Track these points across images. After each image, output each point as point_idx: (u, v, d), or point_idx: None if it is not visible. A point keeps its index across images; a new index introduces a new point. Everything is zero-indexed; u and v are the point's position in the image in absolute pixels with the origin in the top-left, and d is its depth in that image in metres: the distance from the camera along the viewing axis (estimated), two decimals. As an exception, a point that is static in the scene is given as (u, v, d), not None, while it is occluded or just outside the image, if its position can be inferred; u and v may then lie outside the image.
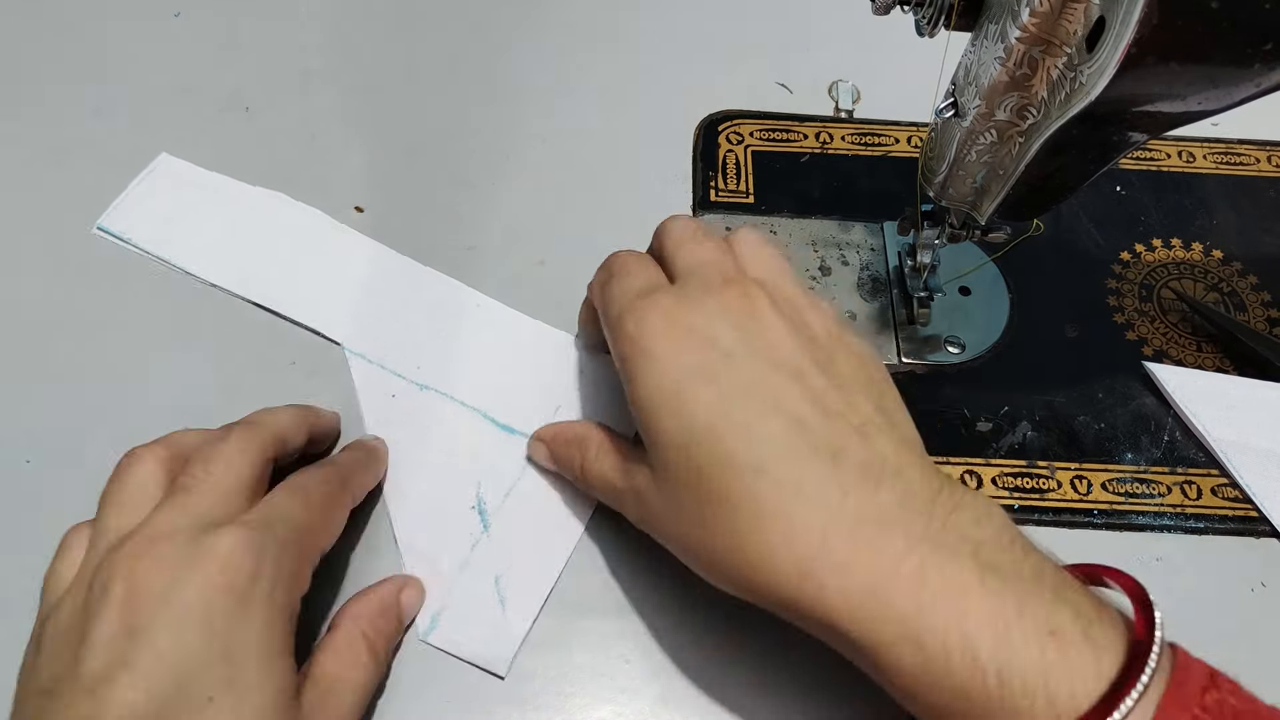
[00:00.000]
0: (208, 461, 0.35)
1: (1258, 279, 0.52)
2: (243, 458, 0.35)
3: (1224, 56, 0.31)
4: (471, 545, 0.41)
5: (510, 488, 0.43)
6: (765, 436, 0.32)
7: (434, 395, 0.45)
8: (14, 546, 0.41)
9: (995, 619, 0.29)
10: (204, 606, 0.31)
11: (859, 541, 0.30)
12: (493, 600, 0.40)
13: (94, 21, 0.59)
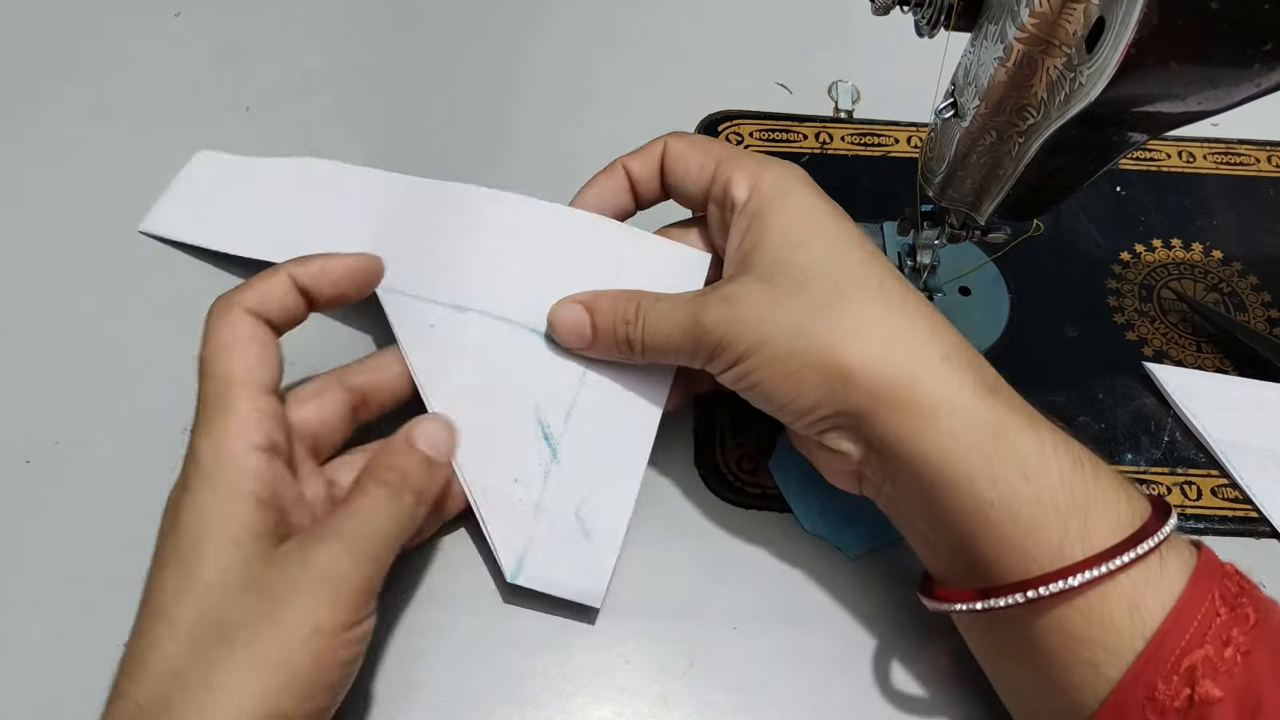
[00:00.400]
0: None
1: (1258, 279, 0.52)
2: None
3: (1223, 57, 0.31)
4: (544, 476, 0.39)
5: (570, 406, 0.40)
6: (880, 263, 0.37)
7: (474, 316, 0.41)
8: (14, 546, 0.41)
9: (1066, 449, 0.33)
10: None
11: (964, 352, 0.35)
12: (577, 533, 0.39)
13: (94, 21, 0.59)
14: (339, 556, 0.32)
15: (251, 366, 0.34)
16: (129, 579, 0.40)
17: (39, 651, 0.39)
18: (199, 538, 0.31)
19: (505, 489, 0.39)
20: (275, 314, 0.36)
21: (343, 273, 0.38)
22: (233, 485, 0.32)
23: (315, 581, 0.31)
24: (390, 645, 0.39)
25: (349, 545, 0.32)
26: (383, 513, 0.34)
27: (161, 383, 0.45)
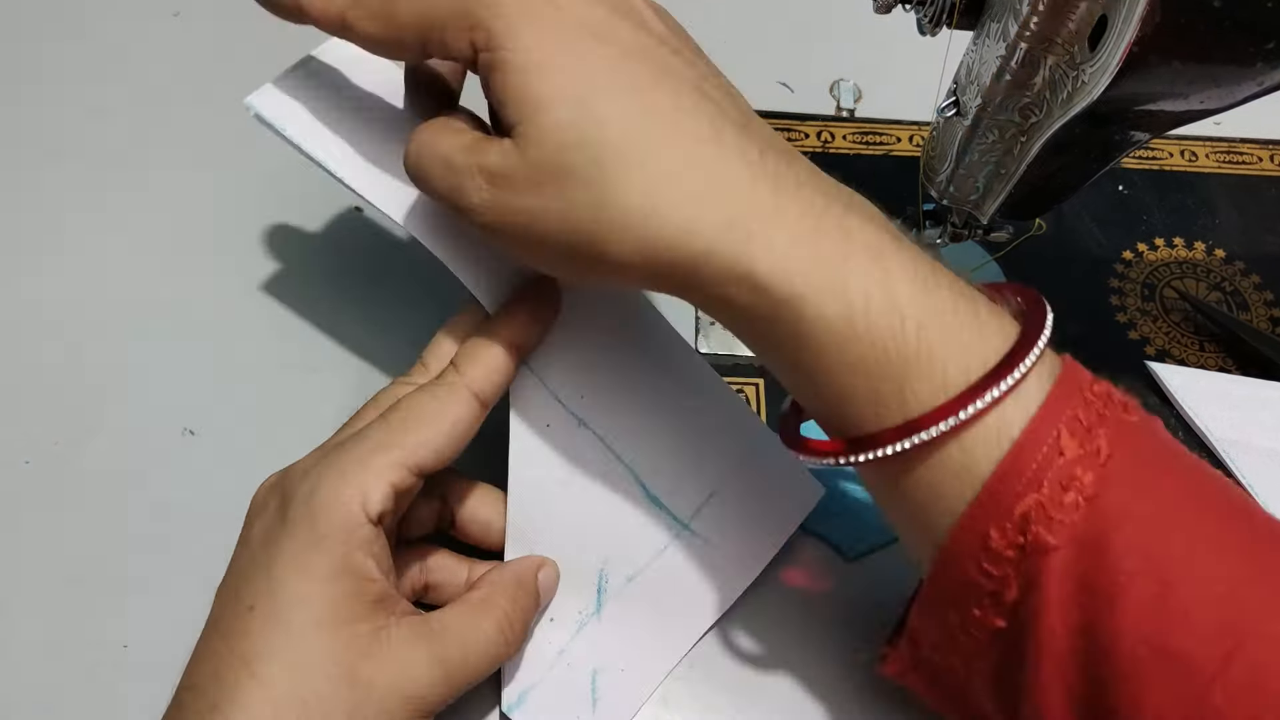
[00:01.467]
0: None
1: (1260, 278, 0.51)
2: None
3: (1226, 55, 0.31)
4: (579, 626, 0.37)
5: (638, 572, 0.38)
6: (680, 90, 0.30)
7: (590, 436, 0.37)
8: (14, 546, 0.41)
9: (913, 274, 0.29)
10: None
11: (784, 194, 0.29)
12: (585, 696, 0.37)
13: (94, 21, 0.59)
14: (432, 684, 0.31)
15: (421, 443, 0.32)
16: (129, 579, 0.40)
17: (39, 651, 0.39)
18: (301, 602, 0.30)
19: (538, 621, 0.37)
20: (495, 392, 0.34)
21: (549, 311, 0.36)
22: (346, 554, 0.31)
23: (404, 699, 0.31)
24: (391, 646, 0.39)
25: (447, 674, 0.32)
26: (491, 656, 0.33)
27: (161, 383, 0.45)
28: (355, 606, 0.31)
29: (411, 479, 0.32)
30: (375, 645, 0.31)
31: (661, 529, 0.38)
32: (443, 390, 0.33)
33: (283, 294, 0.48)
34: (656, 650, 0.38)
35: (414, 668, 0.31)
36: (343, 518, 0.30)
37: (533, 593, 0.35)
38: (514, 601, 0.34)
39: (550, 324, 0.36)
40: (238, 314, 0.47)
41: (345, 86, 0.39)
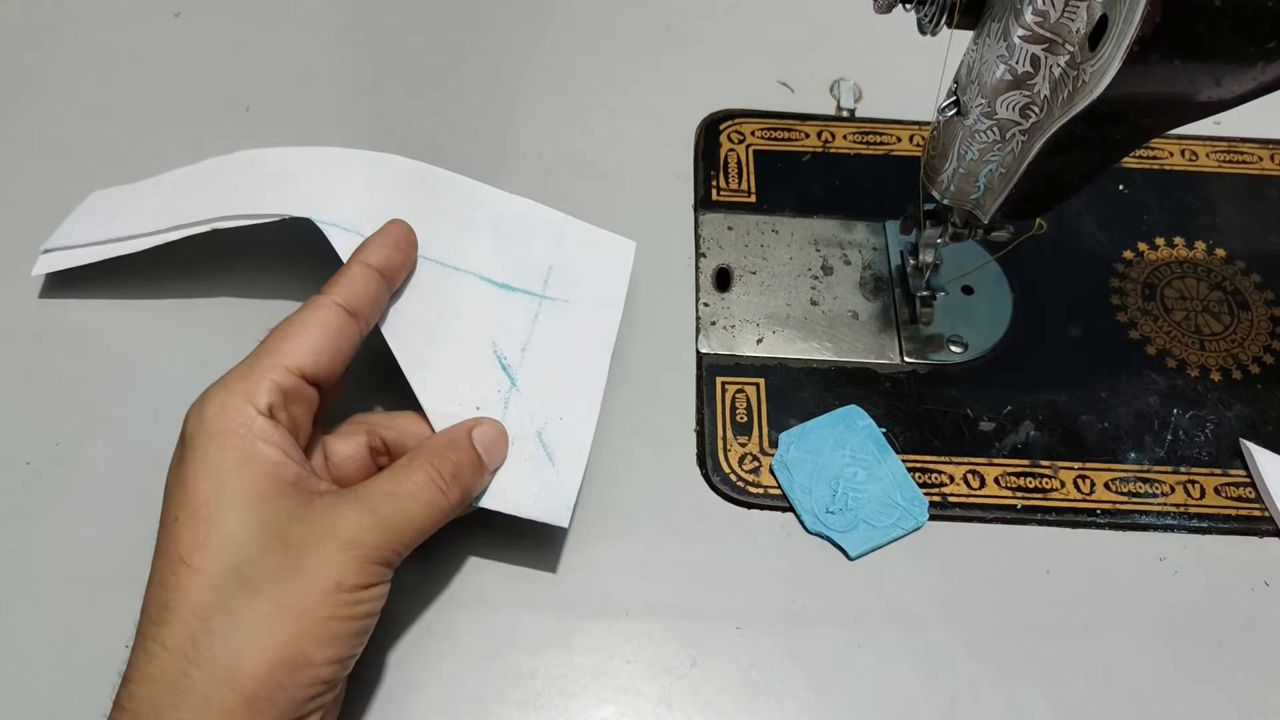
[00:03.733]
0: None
1: (1261, 278, 0.51)
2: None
3: (1227, 54, 0.31)
4: (504, 403, 0.41)
5: (525, 342, 0.43)
6: None
7: (425, 262, 0.43)
8: (14, 546, 0.41)
9: None
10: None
11: None
12: (540, 455, 0.40)
13: (94, 21, 0.59)
14: (368, 529, 0.33)
15: (295, 347, 0.35)
16: (129, 579, 0.40)
17: (39, 651, 0.39)
18: (216, 494, 0.32)
19: (467, 414, 0.40)
20: (364, 304, 0.38)
21: (403, 237, 0.40)
22: (246, 445, 0.33)
23: (341, 544, 0.33)
24: (393, 646, 0.39)
25: (381, 521, 0.34)
26: (425, 500, 0.35)
27: (162, 383, 0.45)
28: (270, 485, 0.33)
29: (292, 378, 0.35)
30: (301, 509, 0.33)
31: (524, 304, 0.44)
32: (308, 305, 0.37)
33: (283, 293, 0.48)
34: (579, 390, 0.43)
35: (344, 519, 0.33)
36: (234, 416, 0.33)
37: (466, 448, 0.38)
38: (442, 455, 0.37)
39: (410, 255, 0.41)
40: (238, 313, 0.47)
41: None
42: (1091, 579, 0.42)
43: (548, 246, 0.46)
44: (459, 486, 0.37)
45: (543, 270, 0.45)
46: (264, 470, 0.33)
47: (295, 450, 0.35)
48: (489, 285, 0.44)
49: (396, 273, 0.40)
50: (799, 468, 0.44)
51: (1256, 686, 0.40)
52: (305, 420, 0.36)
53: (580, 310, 0.45)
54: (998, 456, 0.45)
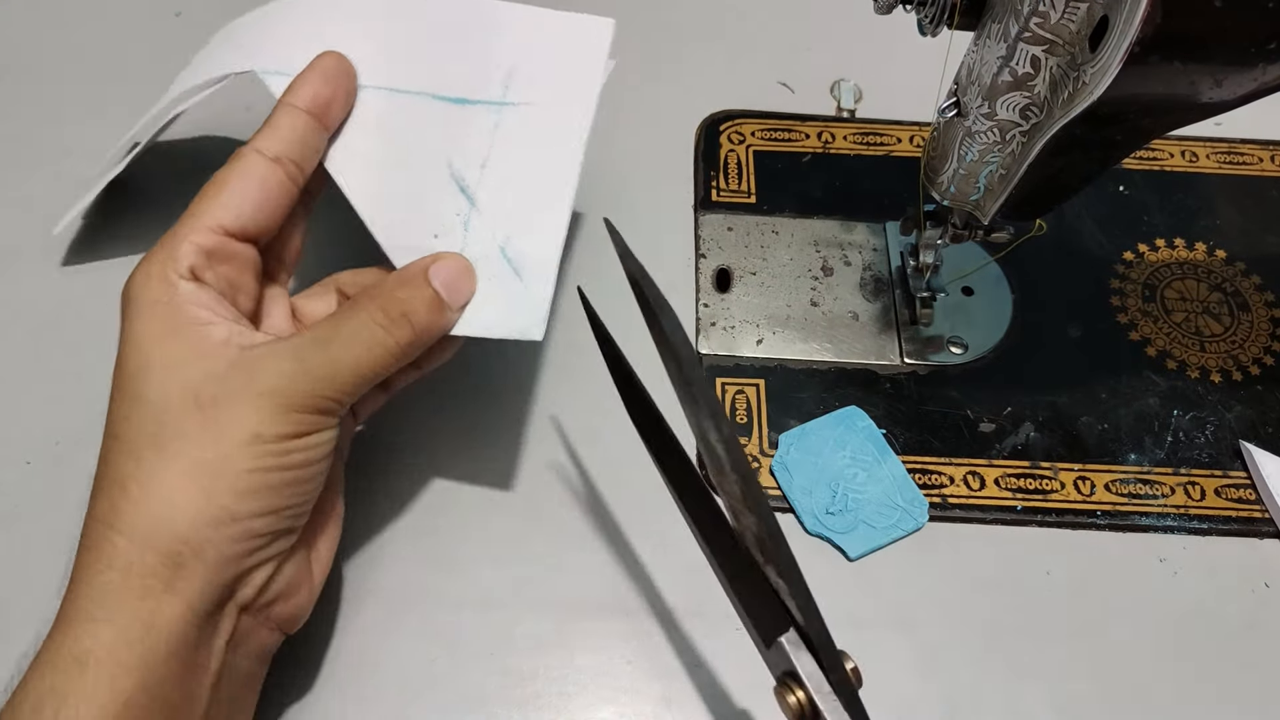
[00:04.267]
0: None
1: (1261, 279, 0.51)
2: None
3: (1227, 55, 0.31)
4: (464, 225, 0.39)
5: (484, 158, 0.40)
6: None
7: (369, 92, 0.40)
8: (14, 546, 0.41)
9: None
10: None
11: None
12: (506, 272, 0.38)
13: (94, 21, 0.59)
14: (290, 376, 0.32)
15: (213, 205, 0.34)
16: (129, 580, 0.40)
17: (39, 652, 0.39)
18: (141, 365, 0.32)
19: (425, 244, 0.38)
20: (291, 149, 0.36)
21: (336, 72, 0.38)
22: (170, 312, 0.32)
23: (257, 395, 0.32)
24: (393, 647, 0.39)
25: (306, 368, 0.32)
26: (363, 342, 0.34)
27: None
28: (194, 347, 0.32)
29: (213, 236, 0.34)
30: (224, 368, 0.32)
31: (482, 116, 0.40)
32: (230, 160, 0.35)
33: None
34: (546, 197, 0.39)
35: (263, 368, 0.32)
36: (155, 286, 0.33)
37: (420, 285, 0.35)
38: (390, 295, 0.35)
39: (345, 86, 0.38)
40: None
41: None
42: (1091, 580, 0.42)
43: (508, 46, 0.42)
44: (409, 325, 0.34)
45: (503, 74, 0.41)
46: (190, 333, 0.32)
47: (226, 309, 0.34)
48: (441, 103, 0.40)
49: (327, 108, 0.37)
50: (799, 469, 0.44)
51: (1257, 688, 0.40)
52: (243, 278, 0.35)
53: (546, 112, 0.41)
54: (998, 458, 0.45)
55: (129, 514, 0.30)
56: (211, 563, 0.31)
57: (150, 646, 0.29)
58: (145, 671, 0.29)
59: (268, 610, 0.34)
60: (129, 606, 0.30)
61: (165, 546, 0.30)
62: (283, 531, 0.33)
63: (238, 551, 0.31)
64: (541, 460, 0.44)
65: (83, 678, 0.29)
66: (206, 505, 0.31)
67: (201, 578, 0.30)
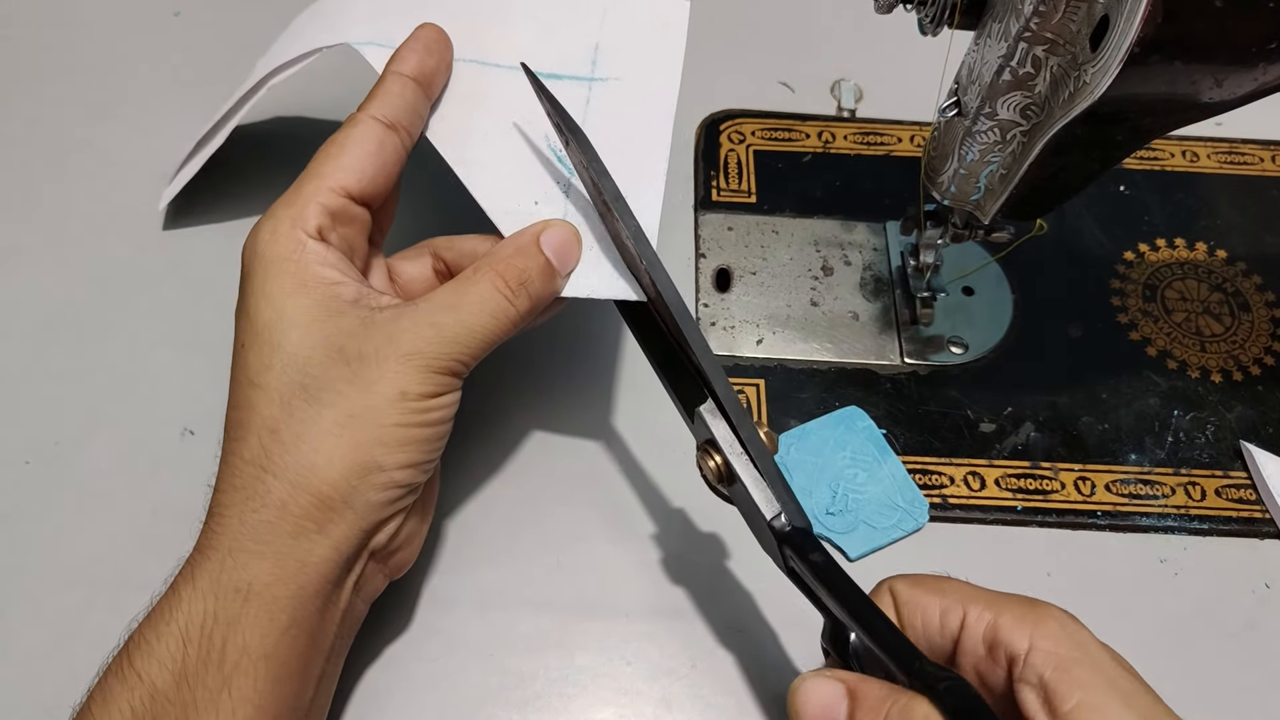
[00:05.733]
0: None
1: (1262, 279, 0.51)
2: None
3: (1228, 55, 0.31)
4: (565, 191, 0.40)
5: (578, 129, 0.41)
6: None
7: (464, 65, 0.41)
8: (14, 546, 0.41)
9: None
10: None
11: None
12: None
13: (94, 21, 0.59)
14: (428, 340, 0.33)
15: (336, 168, 0.35)
16: (129, 579, 0.40)
17: (39, 651, 0.39)
18: (276, 319, 0.33)
19: (529, 211, 0.39)
20: (403, 115, 0.37)
21: (436, 40, 0.39)
22: (301, 269, 0.33)
23: (403, 355, 0.33)
24: (393, 647, 0.39)
25: (442, 333, 0.34)
26: (489, 311, 0.35)
27: (162, 383, 0.45)
28: (329, 304, 0.33)
29: (338, 198, 0.35)
30: (361, 327, 0.33)
31: (573, 90, 0.42)
32: (346, 124, 0.37)
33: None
34: (641, 167, 0.40)
35: (404, 331, 0.33)
36: (284, 243, 0.34)
37: (534, 253, 0.36)
38: (508, 263, 0.36)
39: (446, 54, 0.40)
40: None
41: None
42: (1092, 581, 0.42)
43: (591, 24, 0.44)
44: (527, 294, 0.36)
45: (589, 50, 0.43)
46: (321, 291, 0.33)
47: (351, 270, 0.35)
48: (533, 80, 0.41)
49: (432, 77, 0.39)
50: (799, 469, 0.44)
51: (1257, 688, 0.40)
52: (359, 240, 0.37)
53: (634, 86, 0.43)
54: (998, 458, 0.45)
55: (281, 458, 0.32)
56: (359, 510, 0.32)
57: (302, 584, 0.31)
58: (297, 606, 0.31)
59: (389, 558, 0.36)
60: (284, 545, 0.31)
61: (319, 491, 0.32)
62: (418, 485, 0.35)
63: (381, 500, 0.33)
64: (541, 460, 0.44)
65: (246, 607, 0.31)
66: (357, 455, 0.32)
67: (349, 523, 0.32)
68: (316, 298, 0.33)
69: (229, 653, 0.30)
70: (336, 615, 0.34)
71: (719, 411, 0.34)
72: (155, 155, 0.53)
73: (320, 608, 0.32)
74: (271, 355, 0.33)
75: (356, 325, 0.33)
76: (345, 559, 0.33)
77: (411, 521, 0.36)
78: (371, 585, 0.36)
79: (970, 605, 0.32)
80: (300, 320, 0.33)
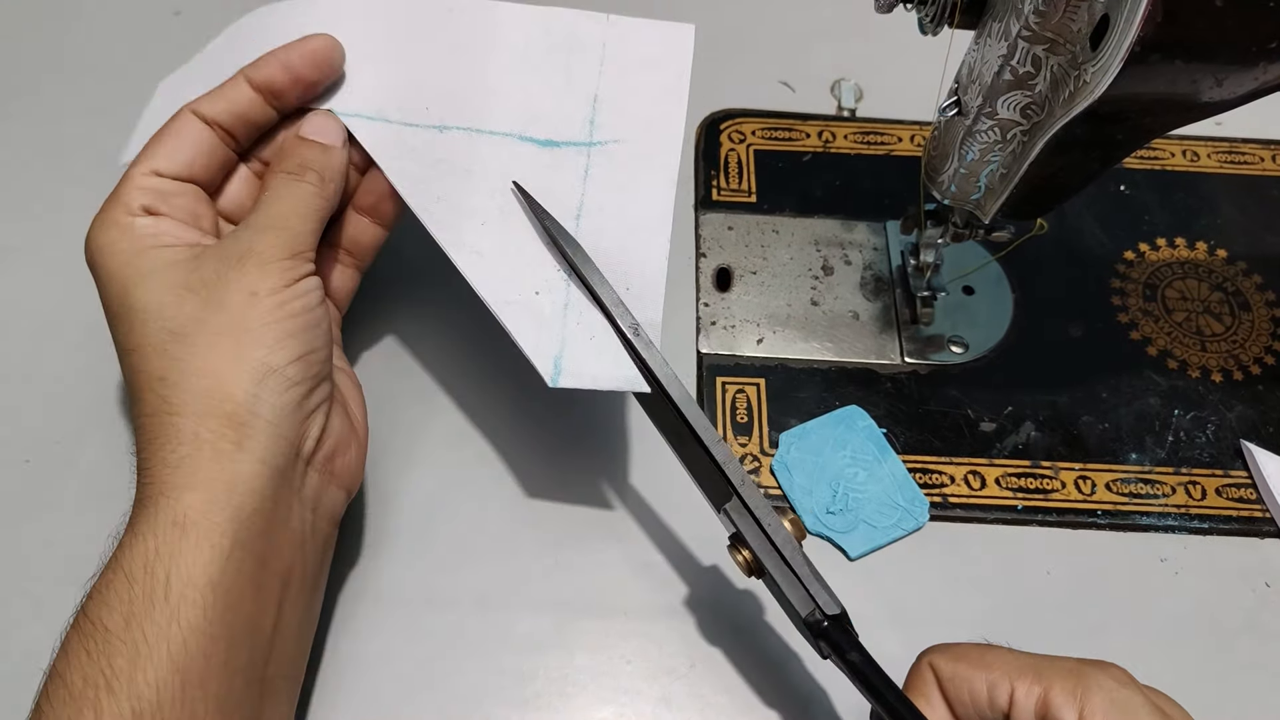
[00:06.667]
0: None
1: (1262, 278, 0.51)
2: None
3: (1228, 54, 0.31)
4: (566, 279, 0.38)
5: (578, 206, 0.39)
6: None
7: (457, 134, 0.40)
8: (14, 546, 0.41)
9: None
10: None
11: None
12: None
13: (94, 21, 0.59)
14: (251, 239, 0.35)
15: (149, 154, 0.37)
16: (129, 579, 0.40)
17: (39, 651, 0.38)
18: (122, 287, 0.35)
19: (528, 301, 0.37)
20: (224, 116, 0.38)
21: (299, 57, 0.39)
22: (134, 241, 0.35)
23: (237, 261, 0.35)
24: (393, 648, 0.39)
25: (260, 226, 0.36)
26: (287, 194, 0.37)
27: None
28: (166, 257, 0.35)
29: (152, 178, 0.37)
30: (196, 260, 0.35)
31: (571, 160, 0.40)
32: (170, 118, 0.39)
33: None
34: (642, 249, 0.39)
35: (229, 245, 0.35)
36: (113, 228, 0.36)
37: (301, 144, 0.39)
38: (286, 156, 0.38)
39: (304, 73, 0.39)
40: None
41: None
42: (1092, 580, 0.42)
43: (589, 69, 0.41)
44: (313, 172, 0.38)
45: (587, 107, 0.41)
46: (156, 253, 0.35)
47: (189, 231, 0.37)
48: (530, 146, 0.40)
49: (280, 94, 0.39)
50: (799, 468, 0.44)
51: (1257, 688, 0.40)
52: (200, 208, 0.38)
53: (633, 149, 0.41)
54: (998, 457, 0.45)
55: (177, 397, 0.33)
56: (270, 417, 0.33)
57: (237, 504, 0.32)
58: (237, 527, 0.32)
59: (330, 466, 0.36)
60: (208, 471, 0.32)
61: (223, 410, 0.32)
62: (316, 377, 0.35)
63: (287, 401, 0.34)
64: (541, 460, 0.44)
65: (184, 539, 0.31)
66: (241, 365, 0.33)
67: (265, 433, 0.33)
68: (152, 259, 0.35)
69: (173, 585, 0.30)
70: (290, 536, 0.34)
71: (744, 510, 0.35)
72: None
73: (264, 528, 0.33)
74: (130, 319, 0.34)
75: (191, 261, 0.35)
76: (275, 471, 0.33)
77: (336, 421, 0.37)
78: (326, 501, 0.36)
79: (1018, 680, 0.31)
80: (141, 280, 0.34)
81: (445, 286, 0.40)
